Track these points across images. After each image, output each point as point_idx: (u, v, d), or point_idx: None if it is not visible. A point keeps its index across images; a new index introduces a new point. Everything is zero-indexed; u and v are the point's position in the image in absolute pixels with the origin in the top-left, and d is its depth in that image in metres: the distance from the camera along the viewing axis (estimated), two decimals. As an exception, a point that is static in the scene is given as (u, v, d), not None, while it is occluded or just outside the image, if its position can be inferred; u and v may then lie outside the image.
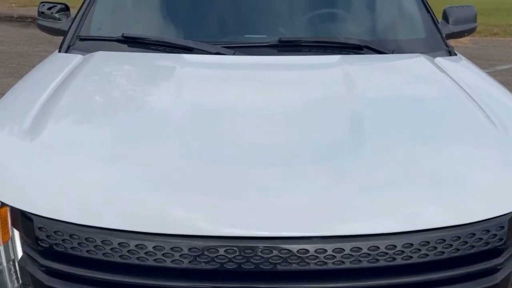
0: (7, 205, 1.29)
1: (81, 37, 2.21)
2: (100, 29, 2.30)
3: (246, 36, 2.26)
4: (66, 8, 2.61)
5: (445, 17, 2.63)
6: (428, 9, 2.44)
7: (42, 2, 2.65)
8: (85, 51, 2.11)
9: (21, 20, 11.80)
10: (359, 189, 1.25)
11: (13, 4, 15.14)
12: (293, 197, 1.23)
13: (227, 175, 1.28)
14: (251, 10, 2.35)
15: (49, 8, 2.58)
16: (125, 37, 2.10)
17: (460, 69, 2.10)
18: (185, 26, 2.27)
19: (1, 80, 5.84)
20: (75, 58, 2.05)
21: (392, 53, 2.15)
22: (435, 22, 2.41)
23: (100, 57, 2.03)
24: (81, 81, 1.84)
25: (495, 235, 1.24)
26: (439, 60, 2.13)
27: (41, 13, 2.59)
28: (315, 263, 1.16)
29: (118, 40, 2.10)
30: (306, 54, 2.12)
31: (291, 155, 1.37)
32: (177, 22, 2.29)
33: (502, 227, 1.25)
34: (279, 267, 1.16)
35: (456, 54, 2.29)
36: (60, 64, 2.04)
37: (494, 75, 4.15)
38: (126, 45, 2.10)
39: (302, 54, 2.12)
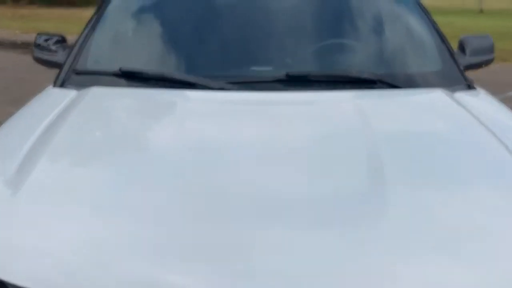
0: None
1: (76, 71, 2.09)
2: (97, 63, 2.16)
3: (251, 68, 2.13)
4: (62, 40, 2.50)
5: (461, 47, 2.48)
6: (443, 40, 2.31)
7: (38, 34, 2.55)
8: (80, 86, 1.98)
9: (25, 46, 11.83)
10: (386, 257, 1.09)
11: (17, 31, 15.23)
12: (308, 265, 1.07)
13: (232, 238, 1.13)
14: (256, 42, 2.22)
15: (46, 40, 2.47)
16: (123, 71, 1.96)
17: (482, 104, 1.96)
18: (186, 60, 2.15)
19: (2, 109, 5.74)
20: (70, 94, 1.92)
21: (408, 87, 2.01)
22: (452, 53, 2.27)
23: (95, 93, 1.90)
24: (74, 121, 1.70)
25: None
26: (459, 95, 1.99)
27: (37, 45, 2.48)
28: None
29: (115, 74, 1.97)
30: (316, 89, 1.97)
31: (303, 212, 1.21)
32: (178, 56, 2.17)
33: None
34: None
35: (475, 88, 2.15)
36: (53, 101, 1.91)
37: (505, 102, 4.03)
38: (124, 79, 1.97)
39: (311, 89, 1.97)
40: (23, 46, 11.78)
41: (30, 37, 13.39)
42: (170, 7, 2.34)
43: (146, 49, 2.21)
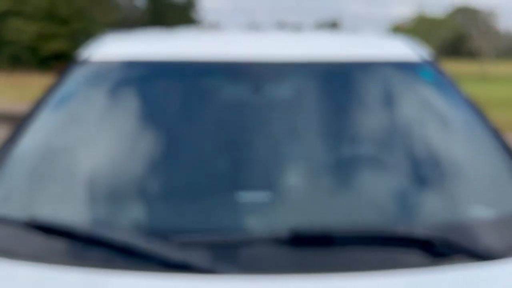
0: None
1: None
2: (6, 201, 1.41)
3: (237, 200, 1.35)
4: None
5: None
6: None
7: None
8: None
9: (13, 117, 11.19)
10: None
11: (9, 100, 14.84)
12: None
13: None
14: (242, 167, 1.47)
15: None
16: (37, 224, 1.25)
17: None
18: (129, 205, 1.37)
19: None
20: None
21: (489, 258, 1.19)
22: None
23: None
24: None
25: None
26: None
27: None
28: None
29: (27, 224, 1.26)
30: (340, 262, 1.16)
31: None
32: (120, 199, 1.39)
33: None
34: None
35: None
36: None
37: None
38: (40, 232, 1.24)
39: (332, 264, 1.15)
40: (12, 118, 11.18)
41: (22, 107, 12.84)
42: (119, 121, 1.60)
43: (79, 186, 1.44)
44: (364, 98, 1.63)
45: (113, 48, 1.82)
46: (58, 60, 31.62)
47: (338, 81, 1.65)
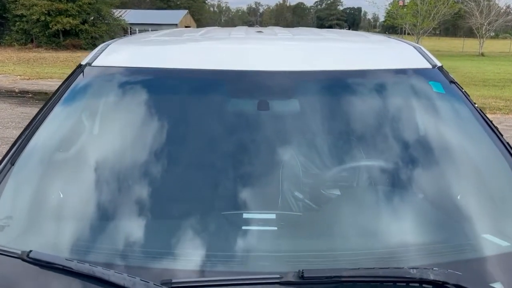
0: None
1: None
2: (3, 229, 1.33)
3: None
4: None
5: None
6: None
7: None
8: None
9: (22, 95, 11.79)
10: None
11: (18, 77, 15.35)
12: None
13: None
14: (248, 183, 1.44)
15: None
16: (32, 258, 1.16)
17: None
18: (126, 240, 1.29)
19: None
20: None
21: None
22: None
23: None
24: None
25: None
26: None
27: None
28: None
29: (21, 259, 1.17)
30: None
31: None
32: (118, 234, 1.33)
33: None
34: None
35: None
36: None
37: None
38: (35, 267, 1.16)
39: None
40: (20, 95, 11.73)
41: (30, 85, 13.23)
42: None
43: (76, 215, 1.39)
44: (380, 107, 1.59)
45: (116, 53, 1.81)
46: (66, 37, 31.94)
47: (348, 92, 1.62)
